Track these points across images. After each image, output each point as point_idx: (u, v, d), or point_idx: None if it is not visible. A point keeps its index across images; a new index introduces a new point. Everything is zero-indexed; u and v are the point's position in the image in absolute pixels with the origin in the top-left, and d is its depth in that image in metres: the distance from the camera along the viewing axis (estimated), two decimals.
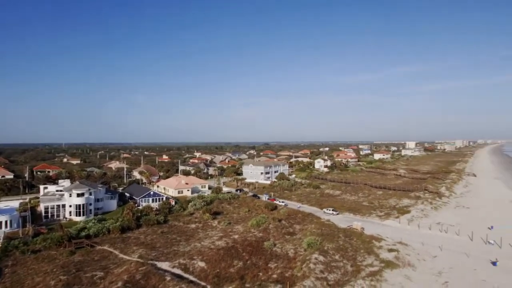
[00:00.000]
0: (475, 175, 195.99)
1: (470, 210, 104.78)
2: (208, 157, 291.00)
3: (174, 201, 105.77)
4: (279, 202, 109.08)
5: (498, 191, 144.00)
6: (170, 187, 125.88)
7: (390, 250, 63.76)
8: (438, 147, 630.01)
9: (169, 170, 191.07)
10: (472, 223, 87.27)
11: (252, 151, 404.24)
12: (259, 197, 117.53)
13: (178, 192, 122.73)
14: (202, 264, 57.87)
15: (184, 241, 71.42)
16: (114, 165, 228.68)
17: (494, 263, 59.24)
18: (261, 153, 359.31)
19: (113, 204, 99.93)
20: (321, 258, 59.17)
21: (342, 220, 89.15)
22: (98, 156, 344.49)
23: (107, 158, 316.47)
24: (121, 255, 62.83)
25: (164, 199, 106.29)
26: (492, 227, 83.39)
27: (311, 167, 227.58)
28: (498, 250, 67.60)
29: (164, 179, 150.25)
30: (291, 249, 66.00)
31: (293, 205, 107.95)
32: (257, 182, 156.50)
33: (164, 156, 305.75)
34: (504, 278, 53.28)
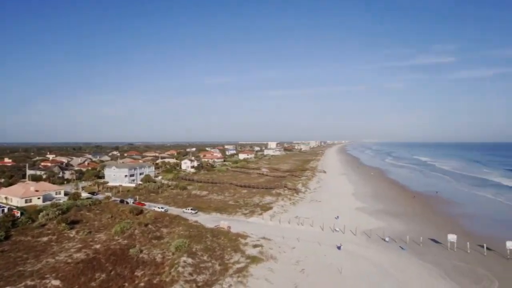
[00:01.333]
0: (325, 172, 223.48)
1: (321, 203, 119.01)
2: (64, 160, 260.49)
3: (19, 212, 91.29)
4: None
5: (343, 185, 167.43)
6: (15, 196, 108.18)
7: (255, 246, 67.88)
8: (296, 147, 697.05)
9: (13, 176, 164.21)
10: (323, 215, 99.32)
11: (115, 152, 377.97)
12: (125, 202, 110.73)
13: (26, 201, 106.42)
14: (56, 282, 51.49)
15: (33, 259, 62.07)
16: None
17: (339, 248, 68.93)
18: (125, 154, 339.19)
19: None
20: (190, 260, 59.26)
21: (209, 220, 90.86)
22: None
23: None
24: None
25: (6, 210, 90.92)
26: (338, 217, 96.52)
27: (178, 168, 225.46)
28: (342, 236, 78.80)
29: (6, 186, 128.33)
30: (158, 254, 64.22)
31: (160, 207, 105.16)
32: (121, 185, 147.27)
33: (6, 159, 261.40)
34: (346, 259, 62.83)
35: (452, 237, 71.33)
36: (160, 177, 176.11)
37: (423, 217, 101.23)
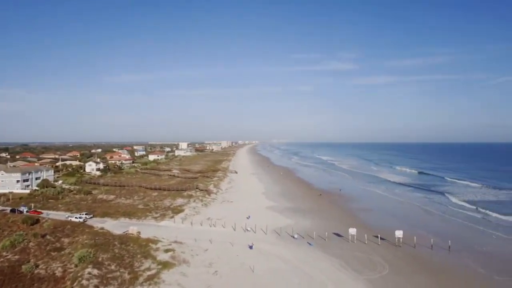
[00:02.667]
0: (236, 172, 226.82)
1: (233, 204, 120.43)
2: None
3: None
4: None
5: (254, 185, 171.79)
6: None
7: (167, 251, 65.89)
8: (208, 148, 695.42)
9: None
10: (235, 215, 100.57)
11: (4, 154, 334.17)
12: (17, 211, 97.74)
13: None
14: None
15: None
16: None
17: (250, 247, 70.46)
18: (18, 157, 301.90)
19: None
20: (96, 271, 55.08)
21: (117, 226, 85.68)
22: None
23: None
24: None
25: None
26: (249, 216, 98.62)
27: (81, 171, 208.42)
28: (254, 235, 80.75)
29: None
30: (59, 267, 58.46)
31: (62, 215, 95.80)
32: (11, 192, 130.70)
33: None
34: (257, 257, 64.49)
35: (352, 231, 78.06)
36: (60, 182, 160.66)
37: (328, 213, 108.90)
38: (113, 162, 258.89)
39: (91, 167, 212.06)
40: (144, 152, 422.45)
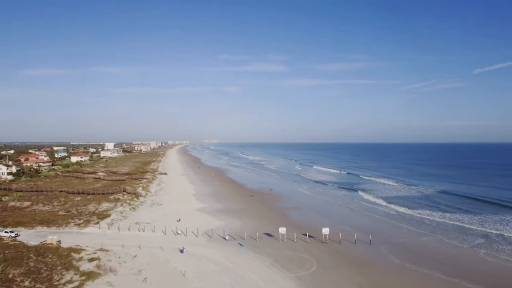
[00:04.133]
0: (166, 174, 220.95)
1: (163, 207, 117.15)
2: None
3: None
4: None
5: (184, 186, 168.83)
6: None
7: (91, 260, 61.86)
8: (136, 148, 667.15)
9: None
10: (165, 219, 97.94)
11: None
12: None
13: None
14: None
15: None
16: None
17: (181, 251, 69.12)
18: None
19: None
20: None
21: (33, 236, 78.45)
22: None
23: None
24: None
25: None
26: (179, 219, 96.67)
27: None
28: (185, 238, 79.40)
29: None
30: None
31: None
32: None
33: None
34: (189, 261, 63.49)
35: (282, 230, 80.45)
36: None
37: (259, 213, 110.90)
38: (28, 164, 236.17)
39: (1, 171, 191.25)
40: (65, 154, 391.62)
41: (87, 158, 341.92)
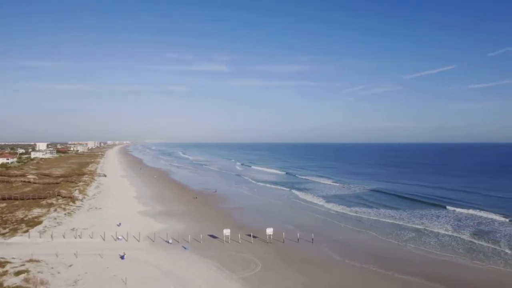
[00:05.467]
0: (105, 175, 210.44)
1: (102, 211, 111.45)
2: None
3: None
4: None
5: (124, 188, 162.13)
6: None
7: (18, 273, 56.82)
8: (72, 148, 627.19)
9: None
10: (104, 223, 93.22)
11: None
12: None
13: None
14: None
15: None
16: None
17: (122, 257, 66.22)
18: None
19: None
20: None
21: None
22: None
23: None
24: None
25: None
26: (120, 223, 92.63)
27: None
28: (126, 243, 76.17)
29: None
30: None
31: None
32: None
33: None
34: (130, 268, 60.99)
35: (226, 231, 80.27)
36: None
37: (203, 215, 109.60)
38: None
39: None
40: None
41: (15, 159, 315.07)
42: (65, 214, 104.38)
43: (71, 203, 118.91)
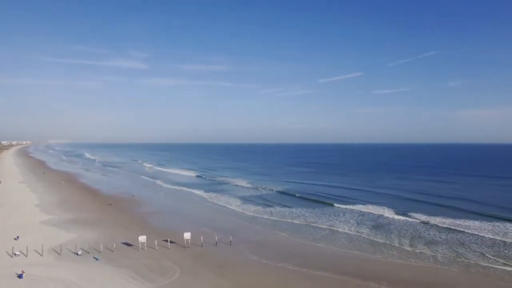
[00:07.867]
0: (0, 182, 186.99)
1: None
2: None
3: None
4: None
5: (24, 196, 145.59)
6: None
7: None
8: None
9: None
10: None
11: None
12: None
13: None
14: None
15: None
16: None
17: (20, 276, 58.97)
18: None
19: None
20: None
21: None
22: None
23: None
24: None
25: None
26: (18, 237, 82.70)
27: None
28: (25, 259, 68.23)
29: None
30: None
31: None
32: None
33: None
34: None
35: (142, 238, 76.85)
36: None
37: (117, 221, 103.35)
38: None
39: None
40: None
41: None
42: None
43: None
